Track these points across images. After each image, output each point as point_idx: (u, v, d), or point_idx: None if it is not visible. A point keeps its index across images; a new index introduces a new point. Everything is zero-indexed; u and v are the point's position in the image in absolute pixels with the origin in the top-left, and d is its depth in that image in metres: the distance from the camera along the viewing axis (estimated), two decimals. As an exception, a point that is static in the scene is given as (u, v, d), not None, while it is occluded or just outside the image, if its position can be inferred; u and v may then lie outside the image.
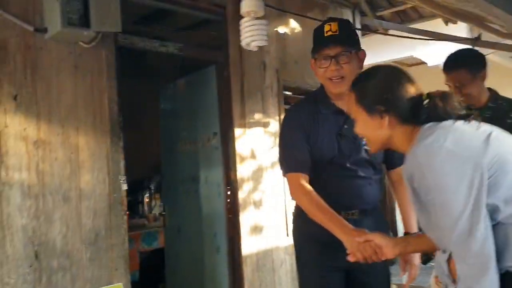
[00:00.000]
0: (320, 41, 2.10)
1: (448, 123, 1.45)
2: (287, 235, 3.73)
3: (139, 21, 3.59)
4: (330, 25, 2.08)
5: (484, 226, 1.32)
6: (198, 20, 3.69)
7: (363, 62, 2.17)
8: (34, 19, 2.48)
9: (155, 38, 3.09)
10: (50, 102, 2.51)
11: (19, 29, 2.42)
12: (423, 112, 1.49)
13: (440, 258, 1.48)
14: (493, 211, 1.36)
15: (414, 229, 2.17)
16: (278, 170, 3.66)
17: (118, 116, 2.76)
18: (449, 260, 1.43)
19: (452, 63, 2.63)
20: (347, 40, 2.08)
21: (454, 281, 1.42)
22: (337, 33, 2.07)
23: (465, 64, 2.59)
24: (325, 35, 2.07)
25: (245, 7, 2.40)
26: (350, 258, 1.80)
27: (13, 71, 2.39)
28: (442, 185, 1.36)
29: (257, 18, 2.37)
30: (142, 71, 4.28)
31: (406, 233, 2.18)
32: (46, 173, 2.45)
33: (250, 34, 2.41)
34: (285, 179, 2.14)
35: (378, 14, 4.85)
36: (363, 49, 2.17)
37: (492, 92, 2.67)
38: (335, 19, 2.14)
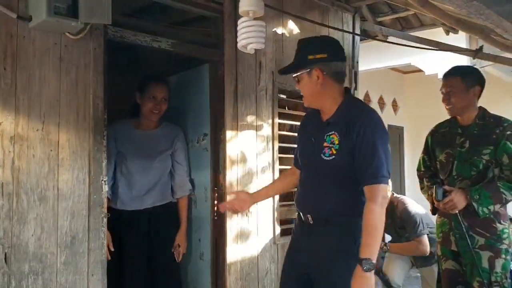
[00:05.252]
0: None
1: None
2: (274, 242, 3.62)
3: (130, 14, 3.42)
4: None
5: None
6: (192, 16, 3.53)
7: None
8: (18, 6, 2.31)
9: (146, 32, 2.94)
10: (30, 95, 2.35)
11: (1, 15, 2.25)
12: None
13: None
14: None
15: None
16: (268, 176, 3.59)
17: (103, 113, 2.60)
18: None
19: (450, 71, 2.82)
20: None
21: None
22: None
23: (460, 74, 2.76)
24: None
25: (243, 6, 2.23)
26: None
27: (-9, 60, 2.22)
28: None
29: (255, 19, 2.22)
30: (130, 65, 4.09)
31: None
32: (22, 171, 2.30)
33: (247, 36, 2.25)
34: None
35: (379, 19, 4.74)
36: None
37: (481, 110, 2.77)
38: None
